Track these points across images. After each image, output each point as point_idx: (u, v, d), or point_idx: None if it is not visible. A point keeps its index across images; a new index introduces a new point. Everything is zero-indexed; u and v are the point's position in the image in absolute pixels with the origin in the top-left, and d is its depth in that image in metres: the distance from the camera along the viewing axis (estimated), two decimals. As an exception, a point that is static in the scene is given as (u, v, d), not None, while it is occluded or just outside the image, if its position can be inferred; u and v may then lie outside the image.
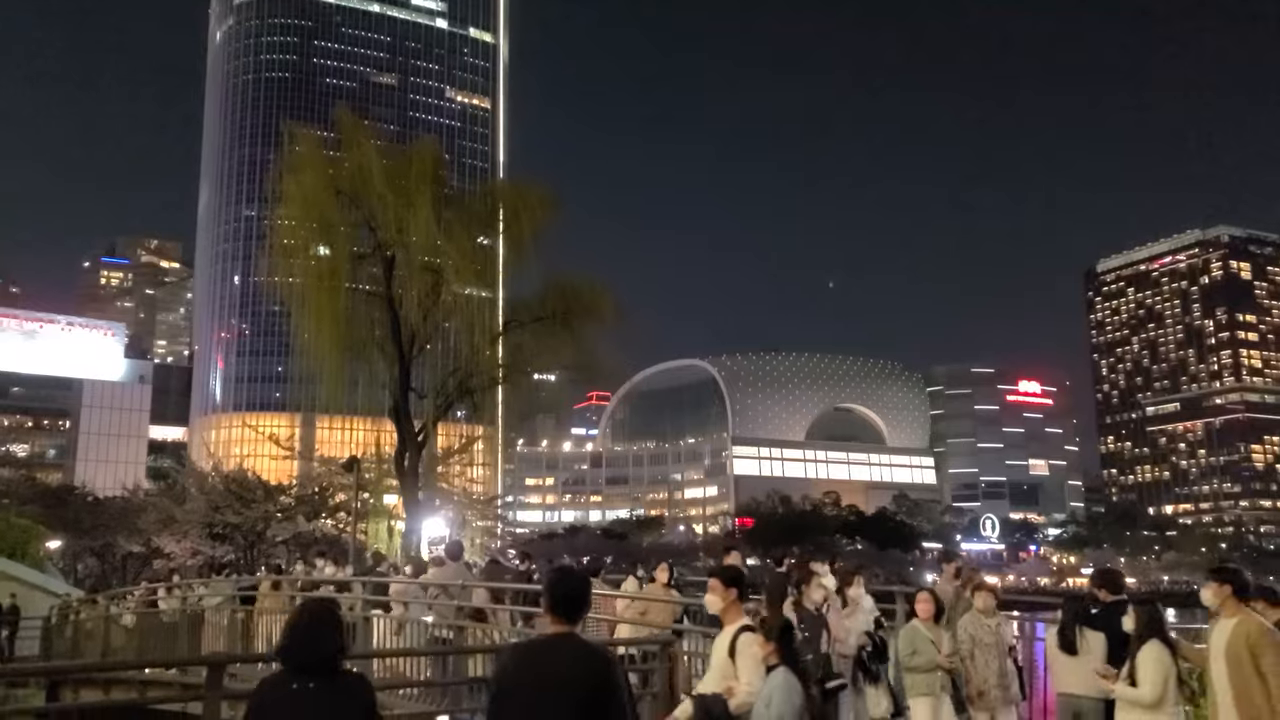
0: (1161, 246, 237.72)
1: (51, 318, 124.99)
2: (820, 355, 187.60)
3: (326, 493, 43.06)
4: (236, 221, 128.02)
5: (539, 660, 4.09)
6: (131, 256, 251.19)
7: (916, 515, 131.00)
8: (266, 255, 31.43)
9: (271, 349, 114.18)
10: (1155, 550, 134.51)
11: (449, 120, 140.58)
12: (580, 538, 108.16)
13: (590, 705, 3.90)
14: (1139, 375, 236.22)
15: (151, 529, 42.18)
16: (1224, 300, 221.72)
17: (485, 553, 46.69)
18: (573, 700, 3.88)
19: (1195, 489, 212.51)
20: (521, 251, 30.97)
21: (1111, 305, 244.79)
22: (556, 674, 3.94)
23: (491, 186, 37.89)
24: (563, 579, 4.35)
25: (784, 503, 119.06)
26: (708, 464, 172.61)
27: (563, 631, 4.15)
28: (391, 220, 27.64)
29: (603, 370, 34.09)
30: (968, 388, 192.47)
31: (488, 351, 30.56)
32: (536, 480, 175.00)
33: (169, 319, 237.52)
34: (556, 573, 4.58)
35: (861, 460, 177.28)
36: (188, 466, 52.39)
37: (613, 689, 4.01)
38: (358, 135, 30.18)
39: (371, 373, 30.88)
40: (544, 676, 3.97)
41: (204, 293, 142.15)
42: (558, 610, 4.17)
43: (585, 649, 4.17)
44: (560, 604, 4.18)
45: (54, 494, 56.00)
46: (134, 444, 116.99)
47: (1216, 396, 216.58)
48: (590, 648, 4.26)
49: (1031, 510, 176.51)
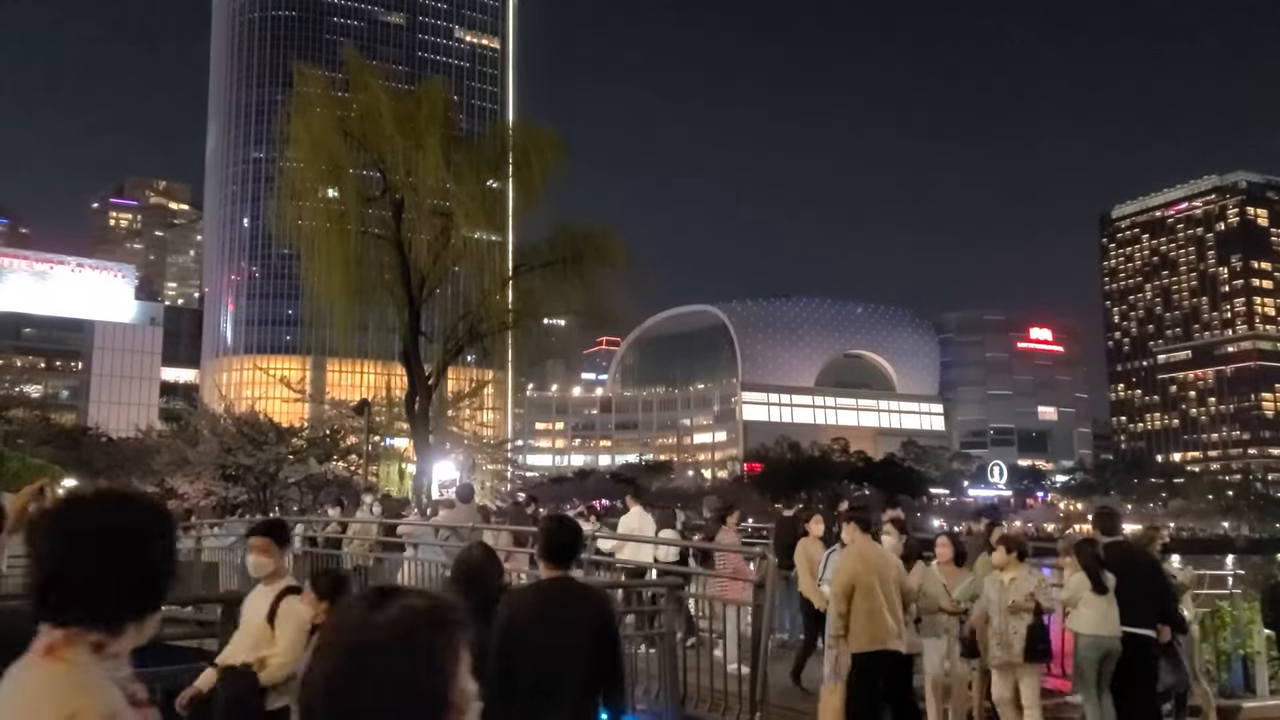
0: (1178, 193, 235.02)
1: (61, 259, 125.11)
2: (831, 302, 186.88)
3: (338, 435, 43.31)
4: (245, 163, 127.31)
5: (547, 601, 4.50)
6: (140, 198, 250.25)
7: (925, 461, 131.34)
8: (275, 198, 31.28)
9: (282, 292, 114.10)
10: (1163, 497, 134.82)
11: (457, 60, 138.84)
12: (589, 482, 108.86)
13: (596, 637, 4.35)
14: (1151, 323, 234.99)
15: (165, 470, 42.54)
16: (1239, 247, 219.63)
17: (496, 496, 47.05)
18: (582, 634, 4.32)
19: (1204, 437, 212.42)
20: (531, 195, 30.83)
21: (1125, 252, 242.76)
22: (565, 612, 4.37)
23: (501, 129, 37.48)
24: (558, 528, 4.80)
25: (793, 449, 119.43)
26: (717, 409, 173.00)
27: (560, 575, 4.61)
28: (400, 163, 27.48)
29: (613, 315, 34.10)
30: (978, 335, 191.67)
31: (497, 296, 30.54)
32: (546, 425, 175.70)
33: (178, 261, 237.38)
34: (549, 520, 5.06)
35: (870, 407, 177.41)
36: (200, 408, 52.59)
37: (612, 622, 4.55)
38: (366, 76, 29.90)
39: (381, 317, 30.96)
40: (554, 615, 4.37)
41: (213, 235, 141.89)
42: (553, 556, 4.63)
43: (585, 589, 4.67)
44: (556, 551, 4.63)
45: (68, 435, 56.48)
46: (146, 386, 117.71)
47: (1229, 344, 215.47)
48: (589, 588, 4.79)
49: (1040, 457, 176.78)
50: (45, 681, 1.79)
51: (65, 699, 1.77)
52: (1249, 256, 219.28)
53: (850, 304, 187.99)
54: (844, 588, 7.91)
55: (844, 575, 8.03)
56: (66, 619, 1.85)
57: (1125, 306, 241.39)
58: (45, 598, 1.86)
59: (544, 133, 31.42)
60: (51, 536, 1.88)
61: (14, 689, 1.81)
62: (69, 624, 1.85)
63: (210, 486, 40.35)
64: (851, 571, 8.01)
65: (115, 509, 1.93)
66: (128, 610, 1.89)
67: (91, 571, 1.85)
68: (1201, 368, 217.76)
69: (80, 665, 1.82)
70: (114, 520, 1.90)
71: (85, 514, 1.90)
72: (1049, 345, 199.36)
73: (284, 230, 29.50)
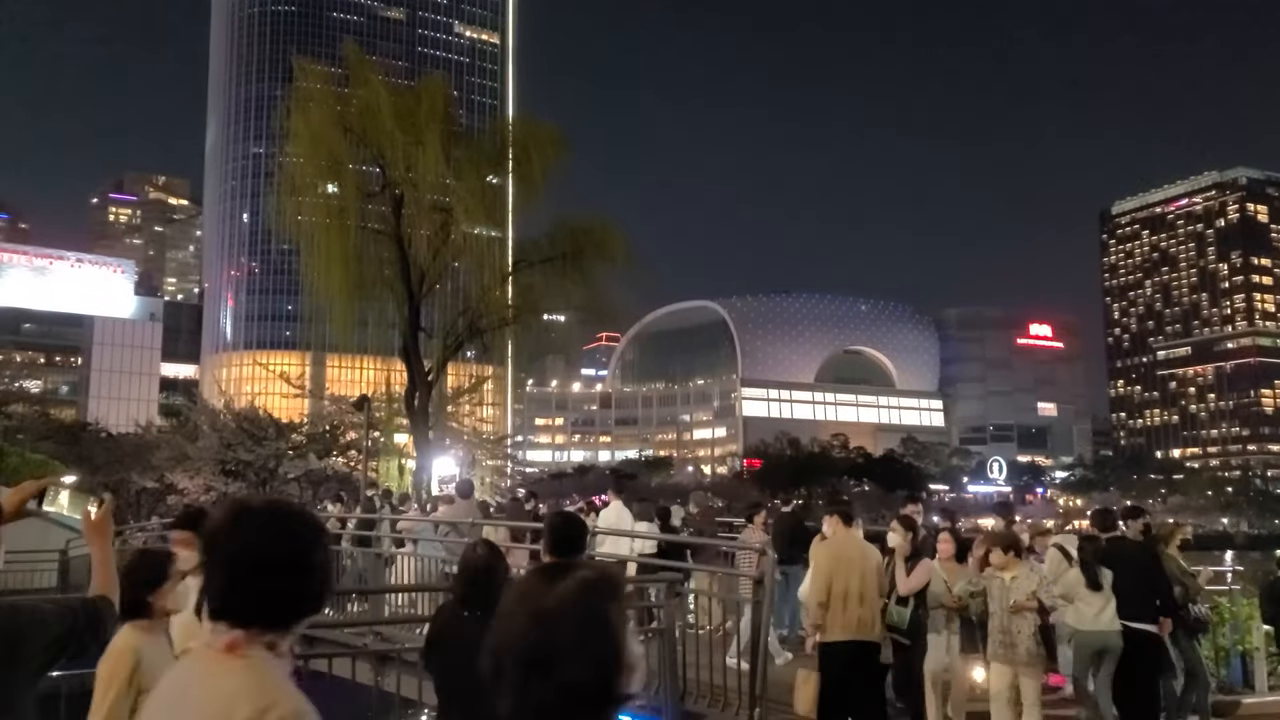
0: (1178, 189, 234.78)
1: (61, 254, 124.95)
2: (830, 297, 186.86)
3: (337, 431, 43.35)
4: (245, 159, 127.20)
5: None
6: (139, 193, 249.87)
7: (924, 457, 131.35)
8: (275, 193, 31.25)
9: (281, 287, 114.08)
10: (1162, 494, 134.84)
11: (457, 56, 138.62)
12: (589, 478, 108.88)
13: None
14: (1151, 319, 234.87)
15: (165, 465, 42.57)
16: (1239, 243, 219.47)
17: (495, 492, 47.08)
18: None
19: (1204, 433, 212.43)
20: (531, 191, 30.79)
21: (1125, 248, 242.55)
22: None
23: (501, 124, 37.44)
24: (563, 522, 4.95)
25: (792, 445, 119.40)
26: (717, 405, 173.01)
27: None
28: (400, 158, 27.45)
29: (613, 311, 34.04)
30: (978, 331, 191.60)
31: (497, 291, 30.51)
32: (546, 420, 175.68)
33: (178, 256, 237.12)
34: (556, 516, 5.27)
35: (870, 403, 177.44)
36: (199, 404, 52.66)
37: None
38: (366, 71, 29.87)
39: (381, 312, 30.94)
40: None
41: (213, 230, 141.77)
42: (558, 550, 4.71)
43: None
44: (561, 544, 4.73)
45: (68, 430, 56.42)
46: (145, 381, 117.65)
47: (1228, 340, 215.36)
48: None
49: (1039, 453, 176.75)
50: (238, 676, 1.95)
51: (261, 694, 1.93)
52: (1249, 253, 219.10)
53: (850, 300, 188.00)
54: (824, 579, 8.10)
55: (823, 567, 8.21)
56: (245, 620, 2.01)
57: (1125, 303, 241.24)
58: (227, 600, 2.01)
59: (544, 128, 31.37)
60: (234, 544, 2.04)
61: (206, 682, 1.98)
62: (247, 625, 2.00)
63: (210, 482, 40.37)
64: (831, 563, 8.20)
65: (286, 520, 2.11)
66: (295, 613, 2.07)
67: (270, 577, 2.02)
68: (1201, 364, 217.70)
69: (263, 663, 2.00)
70: (286, 530, 2.08)
71: (263, 524, 2.08)
72: (1049, 341, 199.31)
73: (284, 225, 29.47)
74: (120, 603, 3.67)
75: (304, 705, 1.98)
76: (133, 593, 3.78)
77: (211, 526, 2.15)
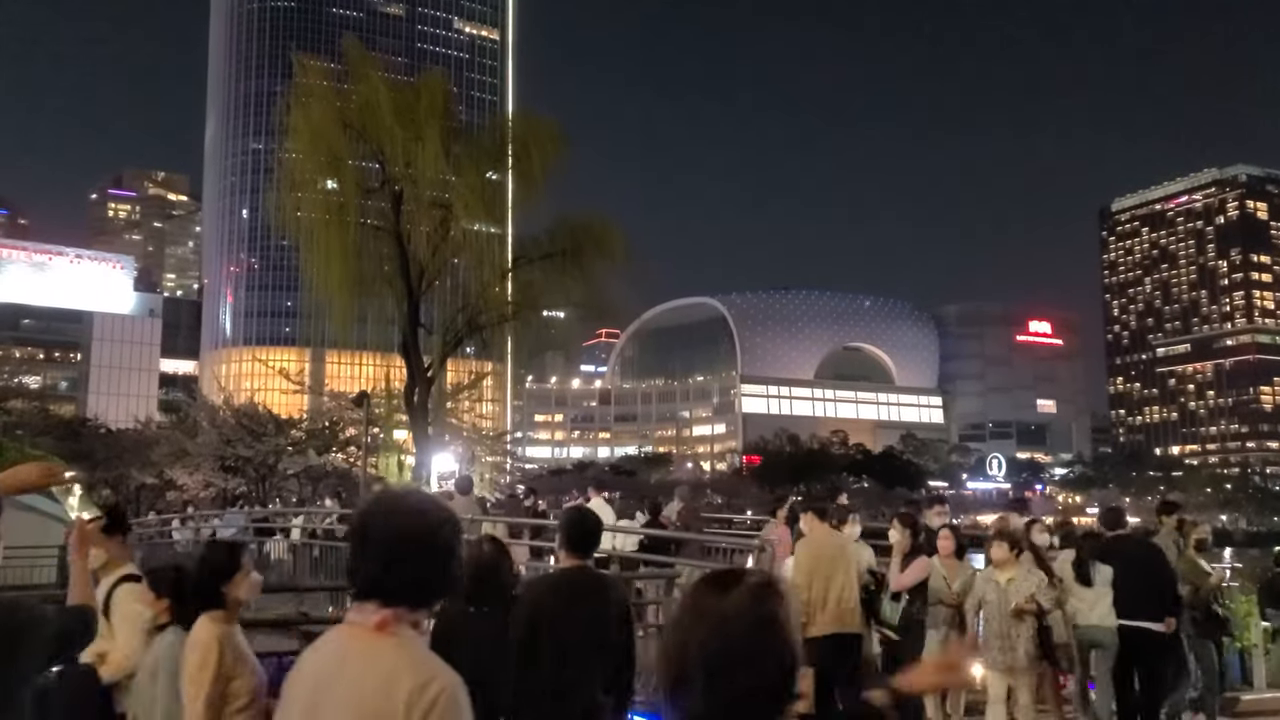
0: (1178, 186, 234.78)
1: (60, 250, 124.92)
2: (830, 294, 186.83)
3: (337, 427, 43.29)
4: (244, 154, 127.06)
5: (571, 589, 4.66)
6: (139, 189, 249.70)
7: (923, 454, 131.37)
8: (275, 189, 31.20)
9: (281, 283, 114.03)
10: (1161, 490, 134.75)
11: (457, 52, 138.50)
12: (589, 474, 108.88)
13: (618, 624, 4.60)
14: (1150, 316, 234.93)
15: (164, 461, 42.56)
16: (1239, 241, 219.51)
17: (496, 489, 47.06)
18: (605, 621, 4.54)
19: (1203, 430, 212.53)
20: (531, 187, 30.74)
21: (1125, 245, 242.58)
22: (588, 600, 4.56)
23: (500, 120, 37.36)
24: (579, 519, 4.98)
25: (792, 441, 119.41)
26: (716, 402, 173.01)
27: (579, 564, 4.77)
28: (400, 154, 27.40)
29: (612, 308, 33.96)
30: (978, 328, 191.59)
31: (497, 288, 30.48)
32: (545, 417, 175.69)
33: (177, 252, 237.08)
34: (573, 512, 5.26)
35: (870, 400, 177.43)
36: (199, 400, 52.57)
37: (629, 613, 4.81)
38: (366, 67, 29.79)
39: (380, 308, 30.89)
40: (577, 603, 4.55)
41: (212, 226, 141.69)
42: (574, 546, 4.77)
43: (604, 578, 4.90)
44: (577, 541, 4.79)
45: (67, 426, 56.44)
46: (145, 377, 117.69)
47: (1227, 338, 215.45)
48: (606, 577, 5.08)
49: (1039, 450, 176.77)
50: (395, 653, 2.14)
51: (420, 669, 2.11)
52: (1248, 250, 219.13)
53: (849, 297, 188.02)
54: (806, 575, 8.19)
55: (804, 563, 8.31)
56: (392, 601, 2.19)
57: (1124, 300, 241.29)
58: (378, 582, 2.20)
59: (544, 124, 31.31)
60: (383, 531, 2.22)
61: (363, 658, 2.16)
62: (394, 605, 2.19)
63: (209, 478, 40.37)
64: (811, 560, 8.30)
65: (426, 510, 2.31)
66: (435, 593, 2.30)
67: (413, 562, 2.22)
68: (1200, 361, 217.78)
69: (412, 640, 2.21)
70: (426, 520, 2.28)
71: (406, 514, 2.27)
72: (1048, 338, 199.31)
73: (283, 222, 29.40)
74: (194, 594, 3.92)
75: (457, 678, 2.16)
76: (205, 584, 3.94)
77: (361, 516, 2.33)
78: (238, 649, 3.85)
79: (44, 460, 24.82)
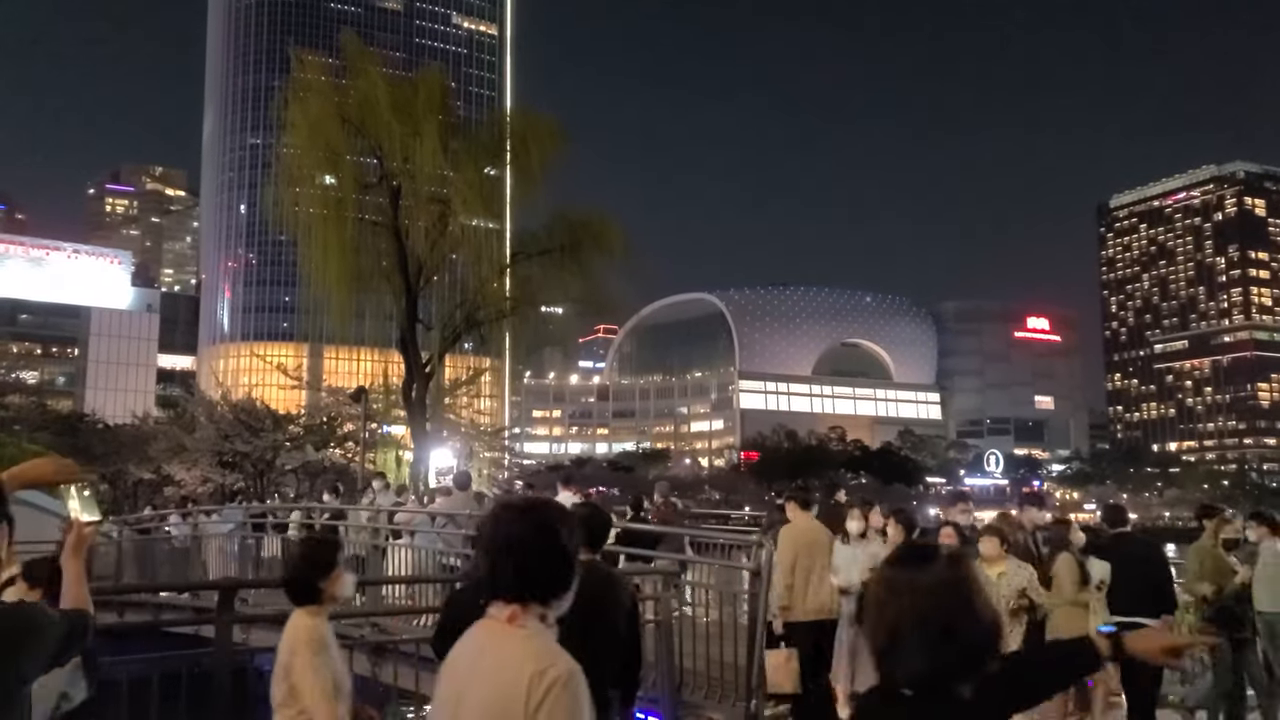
0: (1176, 182, 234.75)
1: (58, 245, 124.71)
2: (828, 290, 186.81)
3: (335, 423, 43.30)
4: (242, 150, 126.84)
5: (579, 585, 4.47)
6: (136, 184, 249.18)
7: (921, 450, 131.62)
8: (273, 184, 31.17)
9: (279, 279, 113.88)
10: (1158, 487, 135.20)
11: (455, 47, 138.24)
12: (587, 470, 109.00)
13: (627, 619, 4.68)
14: (1148, 312, 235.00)
15: (162, 457, 42.57)
16: (1237, 237, 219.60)
17: (494, 485, 47.08)
18: (616, 616, 4.59)
19: (1200, 426, 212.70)
20: (529, 183, 30.75)
21: (1123, 242, 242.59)
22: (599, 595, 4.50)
23: (499, 116, 37.37)
24: (593, 514, 5.02)
25: (790, 437, 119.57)
26: (714, 398, 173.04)
27: (590, 560, 4.71)
28: (398, 150, 27.39)
29: (610, 303, 34.01)
30: (976, 324, 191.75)
31: (495, 284, 30.48)
32: (544, 412, 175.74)
33: (175, 247, 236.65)
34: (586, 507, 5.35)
35: (868, 396, 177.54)
36: (196, 395, 52.55)
37: (637, 608, 4.88)
38: (364, 62, 29.77)
39: (379, 304, 30.92)
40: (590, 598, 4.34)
41: (210, 222, 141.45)
42: (586, 541, 4.68)
43: (612, 574, 4.89)
44: (589, 536, 4.73)
45: (65, 421, 56.48)
46: (142, 372, 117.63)
47: (1225, 334, 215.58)
48: (614, 572, 5.09)
49: (1036, 446, 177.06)
50: (522, 643, 2.41)
51: (541, 657, 2.36)
52: (1246, 246, 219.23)
53: (847, 293, 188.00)
54: (789, 563, 8.40)
55: (789, 551, 8.50)
56: (520, 597, 2.47)
57: (1122, 296, 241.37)
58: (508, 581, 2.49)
59: (542, 120, 31.30)
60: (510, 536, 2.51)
61: (497, 647, 2.46)
62: (522, 601, 2.47)
63: (207, 473, 40.38)
64: (795, 547, 8.51)
65: (553, 513, 2.61)
66: (559, 589, 2.54)
67: (545, 561, 2.51)
68: (1198, 357, 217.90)
69: (538, 631, 2.46)
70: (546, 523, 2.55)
71: (538, 517, 2.56)
72: (1046, 335, 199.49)
73: (281, 217, 29.37)
74: (292, 589, 4.12)
75: (574, 665, 2.39)
76: (305, 579, 4.10)
77: (490, 524, 2.60)
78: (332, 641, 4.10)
79: (41, 454, 24.81)
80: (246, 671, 6.91)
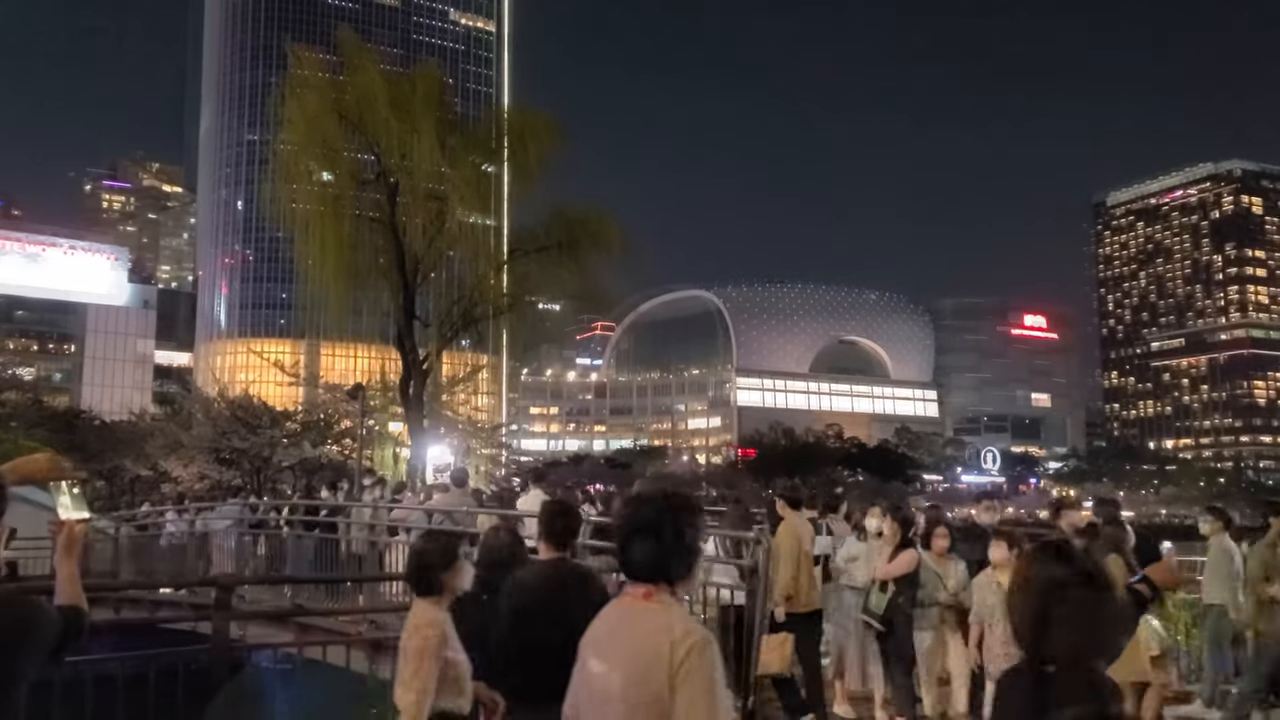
0: (1172, 180, 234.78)
1: (54, 241, 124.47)
2: (825, 287, 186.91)
3: (332, 419, 43.25)
4: (238, 145, 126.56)
5: (550, 581, 4.65)
6: (133, 180, 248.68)
7: (918, 447, 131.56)
8: (269, 181, 31.12)
9: (276, 275, 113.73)
10: (1154, 484, 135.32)
11: (452, 43, 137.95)
12: (583, 467, 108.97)
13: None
14: (1144, 310, 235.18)
15: (158, 453, 42.51)
16: (1233, 235, 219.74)
17: (491, 481, 47.09)
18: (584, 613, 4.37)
19: (1196, 424, 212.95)
20: (527, 179, 30.72)
21: (1119, 239, 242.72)
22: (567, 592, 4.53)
23: (496, 112, 37.36)
24: (560, 512, 5.00)
25: (786, 434, 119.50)
26: (711, 395, 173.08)
27: (559, 557, 4.79)
28: (395, 146, 27.34)
29: (607, 300, 33.99)
30: (972, 321, 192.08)
31: (492, 280, 30.48)
32: (540, 409, 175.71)
33: (172, 243, 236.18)
34: (554, 505, 5.29)
35: (865, 393, 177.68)
36: (193, 392, 52.52)
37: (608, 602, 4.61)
38: (361, 58, 29.69)
39: (375, 300, 30.89)
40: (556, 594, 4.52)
41: (206, 218, 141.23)
42: (554, 539, 4.79)
43: (581, 570, 4.92)
44: (558, 534, 4.81)
45: (61, 417, 56.29)
46: (139, 368, 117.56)
47: (1221, 332, 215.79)
48: (584, 569, 5.02)
49: (1033, 444, 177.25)
50: (660, 615, 2.73)
51: (678, 626, 2.67)
52: (1242, 244, 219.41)
53: (844, 289, 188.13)
54: (791, 557, 8.84)
55: (788, 546, 8.90)
56: (652, 577, 2.79)
57: (1119, 294, 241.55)
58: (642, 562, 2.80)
59: (540, 117, 31.26)
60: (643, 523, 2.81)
61: (635, 620, 2.77)
62: (654, 581, 2.79)
63: (204, 470, 40.33)
64: (793, 542, 8.96)
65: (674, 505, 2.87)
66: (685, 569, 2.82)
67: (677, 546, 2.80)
68: (1194, 355, 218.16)
69: (673, 605, 2.78)
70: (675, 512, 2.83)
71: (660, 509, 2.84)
72: (1042, 332, 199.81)
73: (278, 213, 29.31)
74: (414, 581, 4.36)
75: (708, 634, 2.70)
76: (427, 572, 4.35)
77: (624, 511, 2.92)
78: (449, 632, 4.29)
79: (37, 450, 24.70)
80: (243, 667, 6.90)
